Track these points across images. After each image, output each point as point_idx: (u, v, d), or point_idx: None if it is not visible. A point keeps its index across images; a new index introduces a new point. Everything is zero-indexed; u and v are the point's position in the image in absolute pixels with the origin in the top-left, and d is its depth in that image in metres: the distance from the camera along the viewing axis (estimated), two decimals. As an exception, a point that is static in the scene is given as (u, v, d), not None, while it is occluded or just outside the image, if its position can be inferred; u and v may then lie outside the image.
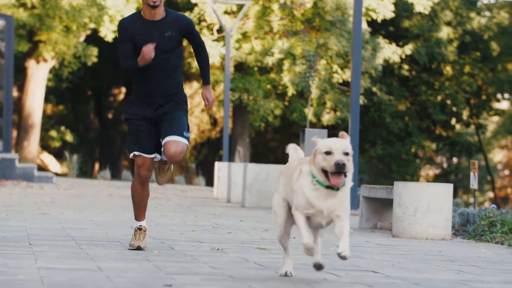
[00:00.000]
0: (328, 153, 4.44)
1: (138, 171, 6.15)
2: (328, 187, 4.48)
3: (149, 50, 5.84)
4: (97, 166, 37.62)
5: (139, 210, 6.20)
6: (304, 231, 4.54)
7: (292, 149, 5.00)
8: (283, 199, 4.78)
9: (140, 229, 6.13)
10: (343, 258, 4.36)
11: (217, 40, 29.34)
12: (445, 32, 32.72)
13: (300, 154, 4.94)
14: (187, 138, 6.13)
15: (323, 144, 4.49)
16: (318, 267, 4.66)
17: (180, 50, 6.15)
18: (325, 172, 4.47)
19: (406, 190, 8.67)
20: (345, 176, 4.46)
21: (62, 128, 36.36)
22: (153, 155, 6.17)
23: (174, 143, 6.05)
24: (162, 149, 6.08)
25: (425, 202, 8.60)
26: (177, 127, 6.07)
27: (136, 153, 6.11)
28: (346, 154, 4.46)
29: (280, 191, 4.81)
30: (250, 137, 32.40)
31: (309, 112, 16.40)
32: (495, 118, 38.09)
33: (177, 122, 6.09)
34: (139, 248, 6.02)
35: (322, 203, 4.50)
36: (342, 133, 4.57)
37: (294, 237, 7.96)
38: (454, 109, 34.22)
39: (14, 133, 30.88)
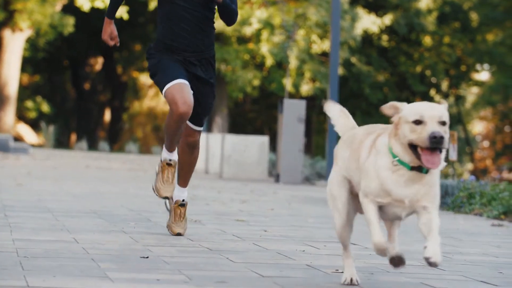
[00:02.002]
0: (418, 122, 3.36)
1: (176, 107, 5.01)
2: (413, 168, 3.40)
3: (106, 40, 5.30)
4: (73, 137, 37.45)
5: (172, 143, 5.31)
6: (374, 226, 3.55)
7: (337, 110, 3.94)
8: (343, 178, 3.67)
9: (169, 164, 5.30)
10: (432, 264, 3.34)
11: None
12: (424, 2, 32.70)
13: (351, 119, 3.94)
14: (202, 125, 5.35)
15: (411, 110, 3.43)
16: (398, 261, 3.59)
17: (213, 5, 5.27)
18: (413, 147, 3.37)
19: (385, 161, 8.64)
20: (440, 153, 3.36)
21: (39, 98, 36.12)
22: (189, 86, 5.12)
23: (194, 132, 5.30)
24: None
25: (404, 173, 8.58)
26: (203, 113, 5.26)
27: (170, 84, 5.05)
28: (443, 123, 3.37)
29: (340, 168, 3.69)
30: (229, 108, 32.33)
31: (288, 83, 16.34)
32: (475, 89, 38.22)
33: (204, 106, 5.25)
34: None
35: (404, 190, 3.43)
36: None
37: (273, 209, 7.93)
38: (433, 80, 34.30)
39: (-10, 104, 30.63)
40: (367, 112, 33.71)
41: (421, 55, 33.78)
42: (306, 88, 29.27)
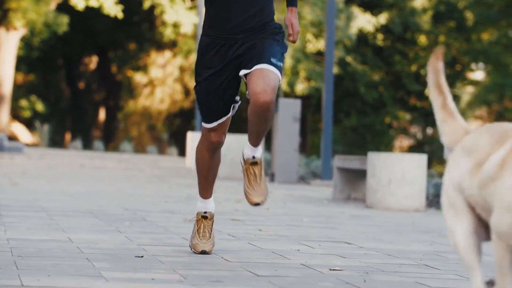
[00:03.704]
0: None
1: (209, 135, 4.43)
2: None
3: None
4: (68, 136, 37.40)
5: (206, 184, 4.51)
6: (504, 277, 2.59)
7: (448, 118, 2.86)
8: (463, 199, 2.72)
9: (205, 217, 4.49)
10: None
11: (190, 8, 29.12)
12: (419, 2, 32.71)
13: (460, 120, 2.88)
14: (279, 68, 4.22)
15: None
16: None
17: None
18: None
19: (380, 161, 8.65)
20: None
21: (33, 97, 36.08)
22: (227, 115, 4.46)
23: (261, 75, 4.14)
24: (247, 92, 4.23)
25: (399, 173, 8.59)
26: (263, 53, 4.21)
27: (208, 125, 4.42)
28: None
29: (458, 183, 2.73)
30: (224, 107, 32.29)
31: (283, 82, 16.33)
32: (470, 89, 38.25)
33: (263, 48, 4.24)
34: (204, 253, 4.42)
35: None
36: None
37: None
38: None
39: (-15, 103, 30.58)
40: (362, 111, 33.72)
41: (416, 54, 33.81)
42: (301, 87, 29.26)
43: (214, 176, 4.51)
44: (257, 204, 4.26)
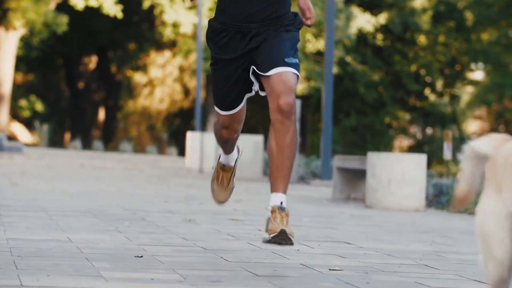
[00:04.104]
0: None
1: (220, 128, 4.32)
2: None
3: None
4: (67, 136, 37.40)
5: (225, 148, 4.46)
6: None
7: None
8: (507, 216, 2.41)
9: (224, 169, 4.47)
10: None
11: (189, 8, 29.12)
12: (419, 2, 32.71)
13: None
14: (296, 66, 4.00)
15: None
16: None
17: None
18: None
19: (380, 160, 8.65)
20: None
21: (32, 97, 36.08)
22: (239, 107, 4.23)
23: (280, 80, 3.94)
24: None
25: (399, 173, 8.59)
26: (277, 52, 3.98)
27: (218, 110, 4.27)
28: None
29: (501, 200, 2.44)
30: (223, 107, 32.29)
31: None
32: (469, 89, 38.24)
33: (277, 46, 4.00)
34: (219, 203, 4.46)
35: None
36: None
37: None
38: (428, 79, 34.31)
39: (-16, 102, 30.58)
40: (362, 111, 33.71)
41: (416, 54, 33.80)
42: (300, 87, 29.25)
43: (233, 143, 4.38)
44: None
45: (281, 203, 3.90)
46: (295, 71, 3.96)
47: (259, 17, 4.02)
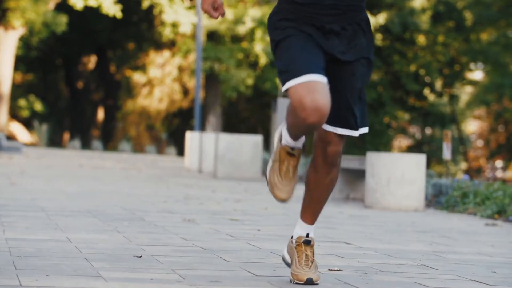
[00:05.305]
0: None
1: (303, 116, 3.27)
2: None
3: (208, 11, 3.41)
4: (67, 136, 37.39)
5: (297, 135, 3.53)
6: None
7: None
8: None
9: (291, 154, 3.54)
10: None
11: (188, 8, 29.12)
12: (418, 2, 32.71)
13: None
14: (364, 124, 3.53)
15: None
16: None
17: None
18: None
19: (379, 160, 8.65)
20: None
21: (32, 97, 36.07)
22: (322, 77, 3.31)
23: (339, 139, 3.50)
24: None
25: (398, 173, 8.58)
26: (345, 109, 3.46)
27: (297, 80, 3.29)
28: None
29: None
30: (222, 107, 32.30)
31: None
32: (469, 89, 38.24)
33: (347, 99, 3.45)
34: (281, 201, 3.59)
35: None
36: None
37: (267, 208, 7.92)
38: (427, 79, 34.32)
39: (-17, 102, 30.58)
40: (361, 111, 33.67)
41: (415, 54, 33.80)
42: (300, 87, 29.21)
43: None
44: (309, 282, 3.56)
45: (307, 235, 3.64)
46: (348, 134, 3.51)
47: (330, 4, 3.45)
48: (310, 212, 3.67)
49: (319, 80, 3.29)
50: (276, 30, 3.45)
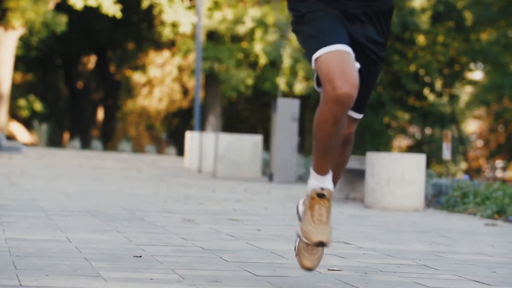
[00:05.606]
0: None
1: (334, 86, 3.13)
2: None
3: None
4: (66, 135, 37.38)
5: (324, 155, 3.33)
6: None
7: None
8: None
9: (322, 196, 3.32)
10: None
11: (188, 8, 29.12)
12: (418, 2, 32.71)
13: None
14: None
15: None
16: None
17: None
18: None
19: (379, 160, 8.65)
20: None
21: (31, 97, 36.07)
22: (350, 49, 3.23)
23: (353, 122, 3.48)
24: None
25: (398, 173, 8.58)
26: (364, 95, 3.43)
27: (325, 50, 3.20)
28: None
29: None
30: (222, 107, 32.31)
31: (281, 82, 16.32)
32: (469, 89, 38.25)
33: (368, 86, 3.43)
34: (321, 244, 3.30)
35: None
36: None
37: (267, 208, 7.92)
38: (427, 79, 34.32)
39: (-17, 102, 30.58)
40: (360, 111, 33.66)
41: (415, 54, 33.80)
42: (299, 87, 29.24)
43: (335, 149, 3.32)
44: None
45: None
46: (359, 118, 3.53)
47: None
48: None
49: (347, 51, 3.18)
50: (303, 2, 3.31)
